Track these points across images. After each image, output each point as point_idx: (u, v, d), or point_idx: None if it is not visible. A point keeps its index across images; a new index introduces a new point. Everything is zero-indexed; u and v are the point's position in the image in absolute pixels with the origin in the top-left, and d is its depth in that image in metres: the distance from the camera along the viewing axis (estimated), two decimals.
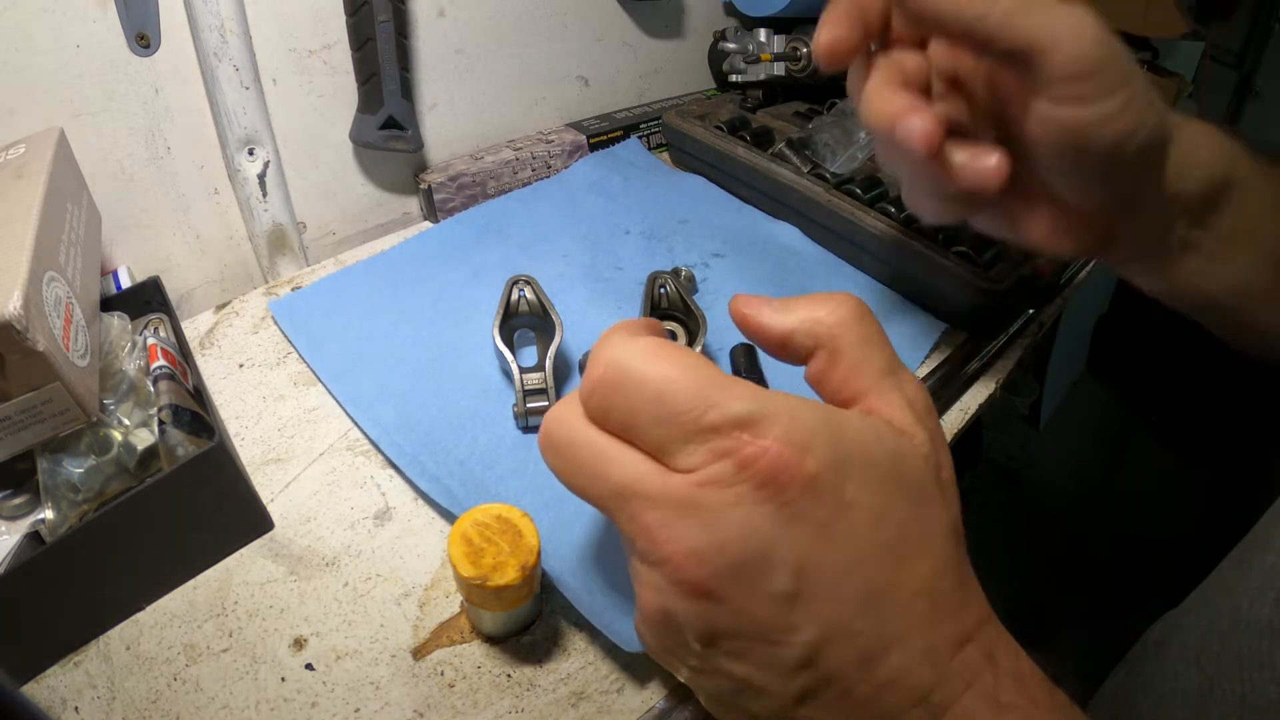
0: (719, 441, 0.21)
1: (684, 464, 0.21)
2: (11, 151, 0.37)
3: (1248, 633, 0.30)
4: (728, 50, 0.69)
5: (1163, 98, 0.30)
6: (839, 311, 0.25)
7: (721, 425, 0.21)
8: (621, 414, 0.22)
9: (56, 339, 0.29)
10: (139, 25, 0.42)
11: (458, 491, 0.36)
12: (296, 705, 0.30)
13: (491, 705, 0.30)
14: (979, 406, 0.44)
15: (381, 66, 0.50)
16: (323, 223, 0.56)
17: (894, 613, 0.22)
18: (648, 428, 0.22)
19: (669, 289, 0.45)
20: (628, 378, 0.22)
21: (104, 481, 0.32)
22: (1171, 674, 0.34)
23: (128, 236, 0.47)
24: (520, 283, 0.43)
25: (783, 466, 0.21)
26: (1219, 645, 0.31)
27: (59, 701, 0.30)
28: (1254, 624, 0.30)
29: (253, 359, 0.46)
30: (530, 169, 0.61)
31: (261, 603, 0.33)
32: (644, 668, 0.31)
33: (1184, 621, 0.35)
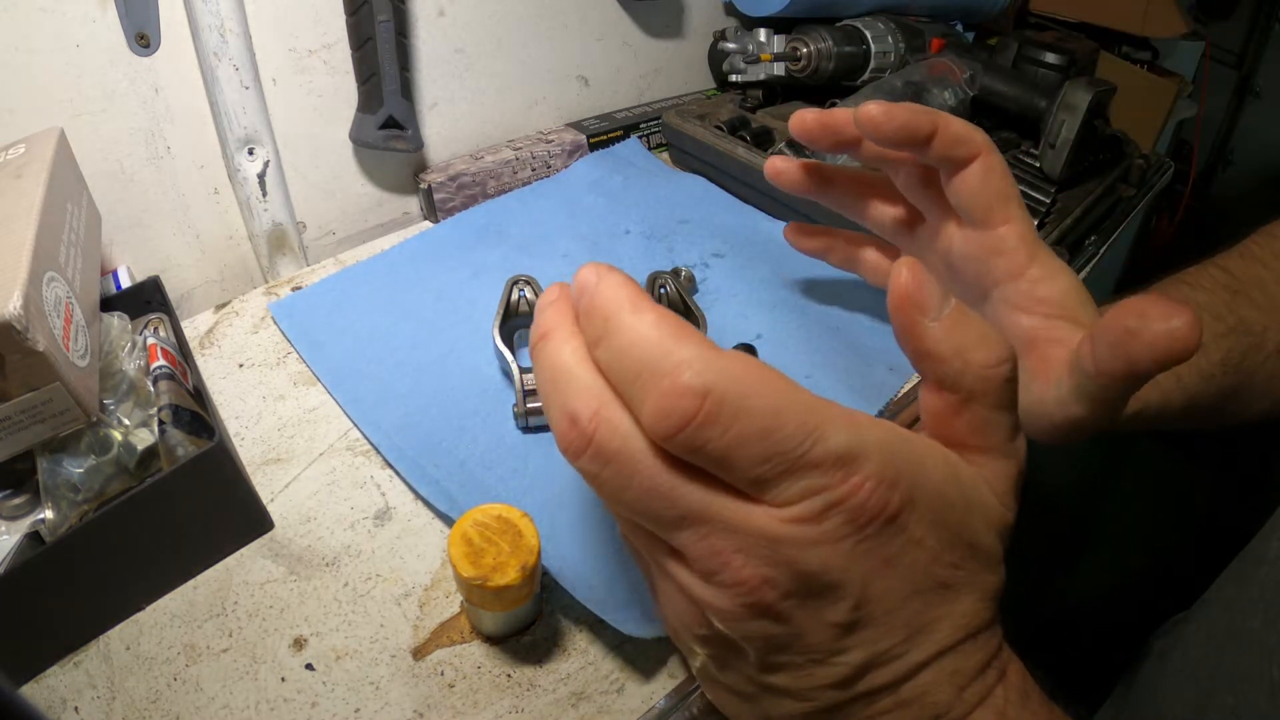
0: (816, 479, 0.19)
1: (775, 499, 0.20)
2: (11, 151, 0.37)
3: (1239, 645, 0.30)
4: (728, 50, 0.69)
5: None
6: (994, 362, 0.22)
7: (823, 461, 0.19)
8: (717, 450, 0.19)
9: (56, 339, 0.29)
10: (139, 25, 0.42)
11: (457, 494, 0.36)
12: (296, 705, 0.30)
13: (491, 705, 0.30)
14: None
15: (381, 66, 0.50)
16: (323, 223, 0.56)
17: (934, 641, 0.23)
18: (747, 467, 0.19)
19: (669, 289, 0.45)
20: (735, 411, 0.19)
21: (104, 481, 0.32)
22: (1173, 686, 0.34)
23: (128, 236, 0.47)
24: (520, 283, 0.43)
25: (872, 506, 0.20)
26: (1215, 658, 0.32)
27: (59, 701, 0.29)
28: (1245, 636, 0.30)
29: (253, 359, 0.46)
30: (530, 169, 0.61)
31: (261, 603, 0.33)
32: (644, 668, 0.31)
33: (1185, 632, 0.36)
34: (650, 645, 0.32)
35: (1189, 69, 1.03)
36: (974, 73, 0.57)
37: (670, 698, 0.30)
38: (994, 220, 0.34)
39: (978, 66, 0.58)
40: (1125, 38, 0.85)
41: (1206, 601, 0.36)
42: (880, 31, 0.65)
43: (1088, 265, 0.56)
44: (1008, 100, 0.60)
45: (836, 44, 0.63)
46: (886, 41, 0.65)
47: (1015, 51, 0.70)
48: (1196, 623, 0.35)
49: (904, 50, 0.66)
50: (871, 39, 0.65)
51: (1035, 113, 0.59)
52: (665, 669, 0.31)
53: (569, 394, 0.21)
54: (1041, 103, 0.58)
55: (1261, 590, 0.30)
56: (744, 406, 0.19)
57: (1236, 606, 0.32)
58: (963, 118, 0.33)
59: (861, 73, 0.66)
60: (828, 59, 0.63)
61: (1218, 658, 0.32)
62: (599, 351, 0.21)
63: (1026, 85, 0.60)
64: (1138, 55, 0.86)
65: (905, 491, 0.20)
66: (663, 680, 0.31)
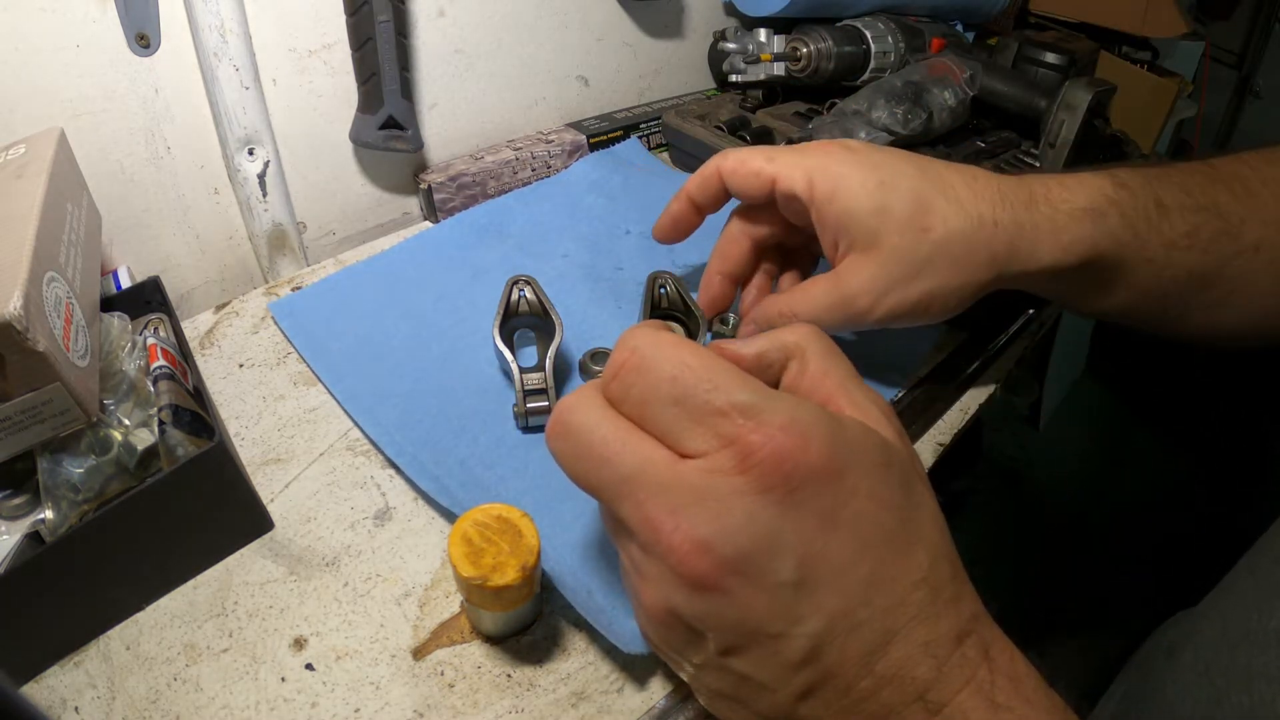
0: (724, 425, 0.22)
1: (691, 447, 0.22)
2: (12, 151, 0.37)
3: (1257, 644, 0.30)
4: (728, 50, 0.69)
5: None
6: (801, 329, 0.28)
7: (727, 409, 0.22)
8: (639, 393, 0.24)
9: (57, 339, 0.29)
10: (139, 25, 0.42)
11: (458, 491, 0.36)
12: (296, 705, 0.30)
13: (491, 705, 0.30)
14: (979, 406, 0.44)
15: (381, 66, 0.50)
16: (323, 223, 0.56)
17: (895, 603, 0.23)
18: (661, 407, 0.23)
19: (669, 289, 0.45)
20: (649, 360, 0.24)
21: (104, 481, 0.32)
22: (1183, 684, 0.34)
23: (128, 236, 0.47)
24: (520, 283, 0.43)
25: (786, 455, 0.21)
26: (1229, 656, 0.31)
27: (59, 701, 0.29)
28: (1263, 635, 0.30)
29: (253, 359, 0.46)
30: (530, 169, 0.61)
31: (261, 603, 0.33)
32: (644, 668, 0.31)
33: (1197, 628, 0.35)
34: None
35: (1189, 69, 1.03)
36: (974, 73, 0.57)
37: (670, 698, 0.30)
38: None
39: (978, 66, 0.58)
40: (1125, 38, 0.85)
41: (1218, 596, 0.35)
42: (880, 31, 0.65)
43: None
44: (1008, 100, 0.60)
45: (836, 44, 0.63)
46: (886, 41, 0.65)
47: (1015, 51, 0.70)
48: (1208, 619, 0.35)
49: (904, 50, 0.66)
50: (871, 39, 0.65)
51: (1035, 113, 0.59)
52: (666, 669, 0.31)
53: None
54: (1041, 103, 0.58)
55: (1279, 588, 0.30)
56: (660, 355, 0.23)
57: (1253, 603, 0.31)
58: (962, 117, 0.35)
59: (861, 73, 0.66)
60: (828, 59, 0.63)
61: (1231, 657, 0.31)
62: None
63: (1026, 85, 0.60)
64: (1138, 55, 0.86)
65: (823, 445, 0.22)
66: (662, 680, 0.31)
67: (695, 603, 0.22)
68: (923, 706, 0.22)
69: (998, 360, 0.47)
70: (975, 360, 0.47)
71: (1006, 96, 0.60)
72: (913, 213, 0.35)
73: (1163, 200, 0.36)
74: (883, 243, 0.35)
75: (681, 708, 0.30)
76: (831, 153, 0.37)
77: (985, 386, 0.46)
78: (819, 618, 0.22)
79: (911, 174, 0.36)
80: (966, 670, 0.23)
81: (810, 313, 0.37)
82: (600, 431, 0.24)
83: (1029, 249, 0.35)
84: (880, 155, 0.37)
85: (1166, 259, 0.36)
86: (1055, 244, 0.35)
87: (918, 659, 0.22)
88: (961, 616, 0.23)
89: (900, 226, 0.35)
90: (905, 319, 0.37)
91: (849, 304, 0.36)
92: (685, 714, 0.30)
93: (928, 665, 0.22)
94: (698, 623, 0.23)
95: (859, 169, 0.36)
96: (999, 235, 0.35)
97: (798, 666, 0.23)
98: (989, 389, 0.45)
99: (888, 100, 0.54)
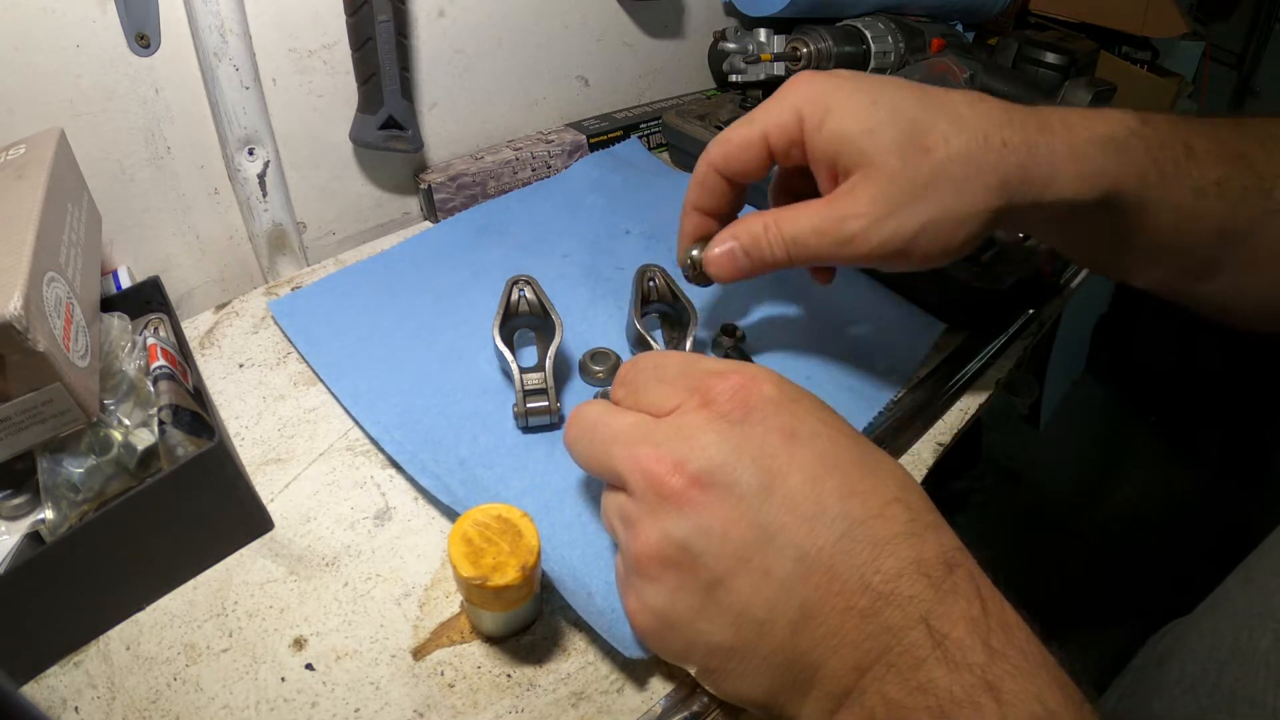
0: (693, 382, 0.27)
1: (669, 405, 0.27)
2: (12, 152, 0.37)
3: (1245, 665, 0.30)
4: (728, 50, 0.69)
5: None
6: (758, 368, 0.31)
7: (697, 374, 0.28)
8: (631, 382, 0.29)
9: (57, 339, 0.29)
10: (139, 25, 0.42)
11: (458, 490, 0.36)
12: (296, 705, 0.30)
13: (491, 705, 0.30)
14: (979, 406, 0.44)
15: (381, 66, 0.50)
16: (323, 223, 0.56)
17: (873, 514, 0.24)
18: (646, 385, 0.29)
19: (658, 281, 0.45)
20: (640, 359, 0.30)
21: (104, 481, 0.32)
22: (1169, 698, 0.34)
23: (128, 236, 0.47)
24: (520, 283, 0.43)
25: (741, 387, 0.26)
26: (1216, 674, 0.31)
27: (59, 701, 0.30)
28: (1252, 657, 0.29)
29: (253, 359, 0.46)
30: (530, 169, 0.61)
31: (261, 603, 0.33)
32: (644, 668, 0.31)
33: (1187, 639, 0.35)
34: None
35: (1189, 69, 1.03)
36: (974, 73, 0.57)
37: (670, 698, 0.30)
38: None
39: (978, 66, 0.58)
40: (1125, 38, 0.85)
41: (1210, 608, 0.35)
42: (880, 31, 0.65)
43: None
44: (1008, 100, 0.60)
45: (836, 44, 0.63)
46: (886, 41, 0.65)
47: (1015, 51, 0.70)
48: (1199, 630, 0.34)
49: (904, 50, 0.66)
50: (871, 39, 0.65)
51: None
52: (665, 669, 0.31)
53: None
54: (1041, 103, 0.58)
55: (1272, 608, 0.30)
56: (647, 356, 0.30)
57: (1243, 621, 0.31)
58: None
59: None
60: (828, 59, 0.63)
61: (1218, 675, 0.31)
62: None
63: (1026, 85, 0.60)
64: (1138, 55, 0.86)
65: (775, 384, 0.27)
66: (662, 680, 0.31)
67: (680, 522, 0.25)
68: (926, 631, 0.22)
69: (998, 360, 0.47)
70: (975, 360, 0.47)
71: (1007, 97, 0.60)
72: (910, 132, 0.31)
73: (1191, 144, 0.33)
74: (879, 163, 0.32)
75: (681, 708, 0.30)
76: (815, 81, 0.34)
77: (985, 386, 0.46)
78: (796, 525, 0.24)
79: (907, 95, 0.33)
80: (961, 602, 0.23)
81: (795, 230, 0.34)
82: (604, 415, 0.29)
83: (1044, 174, 0.31)
84: (871, 79, 0.34)
85: (1194, 207, 0.32)
86: (1074, 171, 0.31)
87: (911, 575, 0.23)
88: (945, 545, 0.24)
89: (898, 146, 0.31)
90: (901, 257, 0.33)
91: (840, 226, 0.33)
92: (685, 714, 0.30)
93: (923, 584, 0.23)
94: (687, 543, 0.25)
95: (848, 91, 0.33)
96: (1008, 156, 0.31)
97: (788, 586, 0.23)
98: (989, 389, 0.45)
99: None
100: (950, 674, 0.22)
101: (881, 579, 0.23)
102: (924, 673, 0.22)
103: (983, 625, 0.22)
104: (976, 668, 0.22)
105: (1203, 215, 0.33)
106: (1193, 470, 1.33)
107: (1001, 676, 0.21)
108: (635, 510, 0.26)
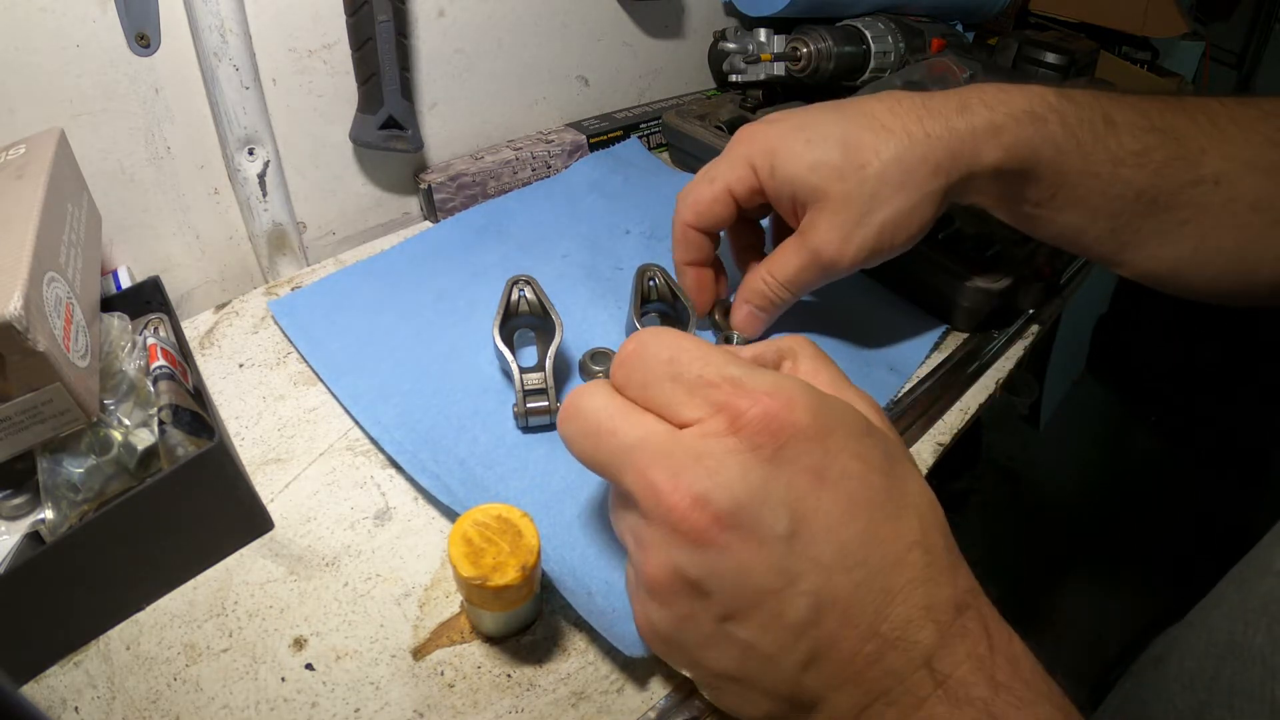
0: (715, 394, 0.24)
1: (687, 416, 0.24)
2: (12, 152, 0.37)
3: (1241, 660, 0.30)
4: (728, 50, 0.70)
5: None
6: (795, 337, 0.30)
7: (717, 380, 0.24)
8: (640, 375, 0.26)
9: (57, 339, 0.29)
10: (139, 25, 0.42)
11: (458, 490, 0.36)
12: (296, 705, 0.30)
13: (491, 705, 0.30)
14: (979, 406, 0.44)
15: (381, 66, 0.50)
16: (323, 223, 0.56)
17: (892, 562, 0.23)
18: (659, 384, 0.25)
19: (658, 281, 0.45)
20: (649, 345, 0.26)
21: (104, 481, 0.32)
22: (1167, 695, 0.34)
23: (128, 236, 0.47)
24: (520, 283, 0.43)
25: (772, 417, 0.23)
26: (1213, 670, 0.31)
27: (59, 701, 0.30)
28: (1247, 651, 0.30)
29: (253, 359, 0.46)
30: (530, 169, 0.61)
31: (261, 603, 0.33)
32: (644, 668, 0.31)
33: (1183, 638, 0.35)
34: None
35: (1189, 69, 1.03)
36: (974, 73, 0.57)
37: (670, 698, 0.30)
38: None
39: (978, 66, 0.58)
40: (1125, 38, 0.85)
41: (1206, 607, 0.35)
42: (880, 31, 0.65)
43: (1088, 265, 0.56)
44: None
45: (836, 44, 0.63)
46: (886, 41, 0.65)
47: (1015, 51, 0.70)
48: (1195, 630, 0.35)
49: (904, 50, 0.66)
50: (871, 39, 0.65)
51: None
52: (666, 669, 0.31)
53: None
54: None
55: (1265, 604, 0.30)
56: (658, 341, 0.26)
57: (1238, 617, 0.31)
58: None
59: (861, 73, 0.66)
60: (828, 59, 0.63)
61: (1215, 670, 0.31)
62: None
63: None
64: (1138, 55, 0.86)
65: (806, 410, 0.24)
66: (662, 680, 0.31)
67: (697, 559, 0.23)
68: (929, 675, 0.22)
69: (998, 360, 0.47)
70: (975, 360, 0.47)
71: None
72: (845, 155, 0.36)
73: (1112, 117, 0.36)
74: (828, 192, 0.37)
75: (681, 708, 0.30)
76: (757, 133, 0.39)
77: (985, 386, 0.46)
78: (816, 573, 0.23)
79: (834, 120, 0.37)
80: (968, 643, 0.23)
81: (786, 273, 0.40)
82: (607, 410, 0.26)
83: (970, 151, 0.35)
84: (802, 115, 0.39)
85: (1113, 174, 0.36)
86: (996, 143, 0.35)
87: (920, 622, 0.23)
88: (959, 587, 0.24)
89: (838, 173, 0.36)
90: (877, 254, 0.38)
91: (818, 256, 0.38)
92: (685, 714, 0.30)
93: (930, 630, 0.23)
94: (701, 582, 0.23)
95: (785, 135, 0.38)
96: (934, 146, 0.35)
97: (799, 630, 0.23)
98: (989, 389, 0.45)
99: None
100: (952, 710, 0.22)
101: (890, 626, 0.23)
102: (925, 710, 0.22)
103: (988, 662, 0.23)
104: (979, 702, 0.22)
105: (1122, 181, 0.36)
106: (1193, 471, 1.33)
107: (1005, 709, 0.22)
108: (647, 534, 0.25)
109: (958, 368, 0.46)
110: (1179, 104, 0.37)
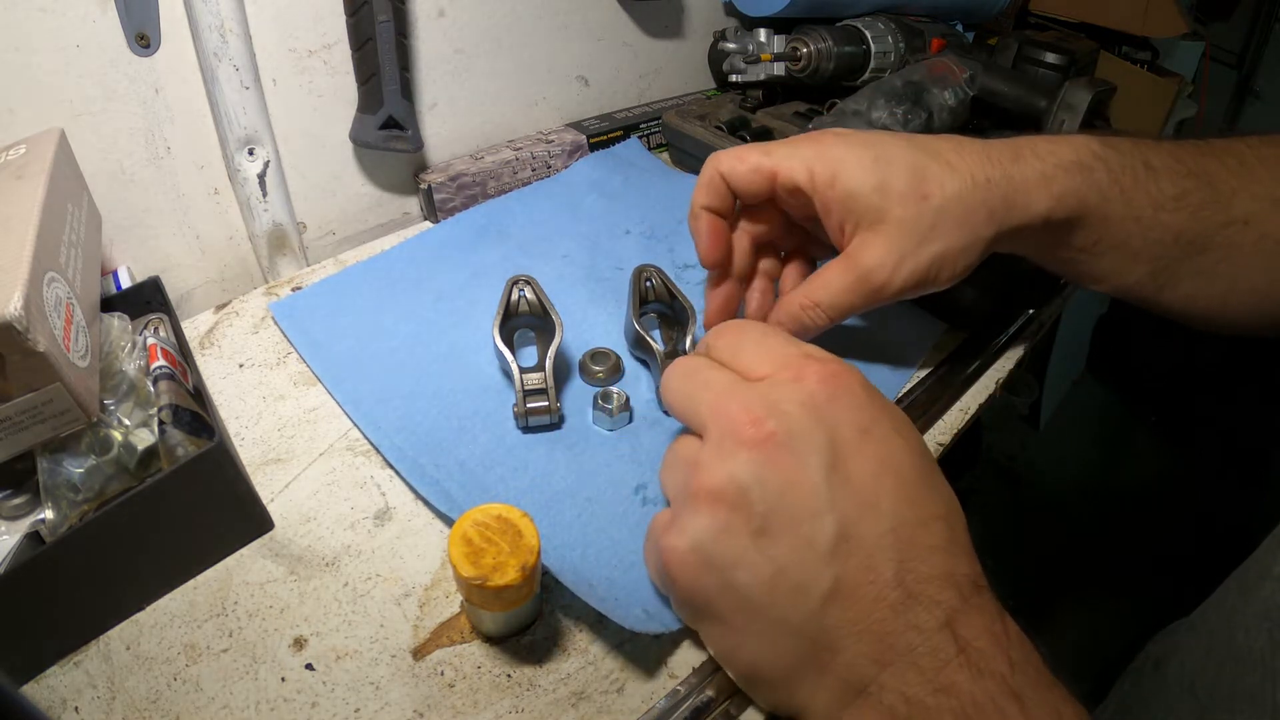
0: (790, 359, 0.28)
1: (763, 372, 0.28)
2: (12, 152, 0.37)
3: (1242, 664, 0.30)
4: (728, 50, 0.70)
5: None
6: None
7: (795, 353, 0.29)
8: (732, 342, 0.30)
9: (57, 340, 0.29)
10: (139, 25, 0.42)
11: (457, 494, 0.36)
12: (296, 705, 0.30)
13: (491, 705, 0.30)
14: (979, 406, 0.44)
15: (381, 66, 0.50)
16: (323, 223, 0.56)
17: (919, 523, 0.25)
18: (747, 350, 0.30)
19: (655, 281, 0.45)
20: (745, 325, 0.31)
21: (104, 481, 0.32)
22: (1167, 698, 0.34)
23: (128, 236, 0.47)
24: (520, 283, 0.43)
25: (831, 375, 0.27)
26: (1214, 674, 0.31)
27: (59, 701, 0.30)
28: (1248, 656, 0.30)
29: (253, 359, 0.46)
30: (530, 169, 0.61)
31: (261, 603, 0.33)
32: (644, 667, 0.31)
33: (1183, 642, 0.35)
34: (651, 645, 0.32)
35: (1189, 69, 1.03)
36: (974, 73, 0.57)
37: (670, 697, 0.30)
38: None
39: (978, 66, 0.58)
40: (1125, 38, 0.85)
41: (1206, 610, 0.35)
42: (880, 31, 0.65)
43: None
44: (1008, 100, 0.60)
45: (836, 44, 0.63)
46: (886, 41, 0.65)
47: (1015, 51, 0.70)
48: (1196, 633, 0.35)
49: (904, 50, 0.66)
50: (871, 39, 0.65)
51: (1035, 113, 0.59)
52: (666, 668, 0.31)
53: None
54: (1041, 103, 0.58)
55: (1266, 609, 0.30)
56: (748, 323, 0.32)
57: (1239, 622, 0.31)
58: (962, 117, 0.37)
59: (861, 73, 0.66)
60: (828, 59, 0.63)
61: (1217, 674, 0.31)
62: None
63: (1026, 85, 0.60)
64: (1138, 55, 0.86)
65: (863, 383, 0.28)
66: (663, 680, 0.31)
67: (750, 467, 0.26)
68: (951, 637, 0.23)
69: (998, 360, 0.47)
70: (975, 360, 0.47)
71: (1006, 97, 0.60)
72: (911, 183, 0.36)
73: (1151, 163, 0.37)
74: (888, 216, 0.36)
75: (682, 707, 0.30)
76: (824, 140, 0.38)
77: (985, 386, 0.46)
78: (847, 506, 0.25)
79: (903, 147, 0.37)
80: (985, 618, 0.24)
81: (830, 298, 0.39)
82: (703, 367, 0.30)
83: (1024, 200, 0.36)
84: (871, 135, 0.39)
85: (1154, 219, 0.37)
86: (1047, 193, 0.36)
87: (943, 584, 0.24)
88: (975, 570, 0.25)
89: (902, 198, 0.36)
90: (920, 287, 0.38)
91: (866, 280, 0.38)
92: (685, 714, 0.30)
93: (952, 593, 0.24)
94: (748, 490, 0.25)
95: (854, 150, 0.37)
96: (993, 191, 0.36)
97: (826, 558, 0.24)
98: (989, 389, 0.45)
99: (888, 100, 0.54)
100: (973, 679, 0.22)
101: (914, 579, 0.24)
102: (947, 675, 0.23)
103: (1004, 641, 0.23)
104: (999, 676, 0.22)
105: (1162, 225, 0.37)
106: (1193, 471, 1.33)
107: (1023, 687, 0.22)
108: (705, 453, 0.27)
109: (958, 368, 0.46)
110: (1209, 147, 0.38)
